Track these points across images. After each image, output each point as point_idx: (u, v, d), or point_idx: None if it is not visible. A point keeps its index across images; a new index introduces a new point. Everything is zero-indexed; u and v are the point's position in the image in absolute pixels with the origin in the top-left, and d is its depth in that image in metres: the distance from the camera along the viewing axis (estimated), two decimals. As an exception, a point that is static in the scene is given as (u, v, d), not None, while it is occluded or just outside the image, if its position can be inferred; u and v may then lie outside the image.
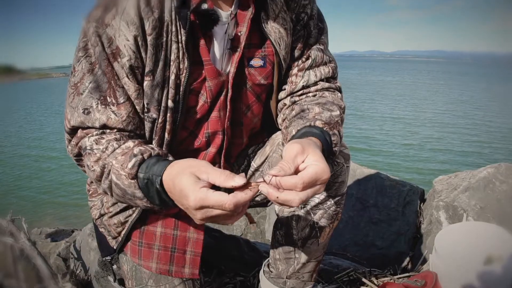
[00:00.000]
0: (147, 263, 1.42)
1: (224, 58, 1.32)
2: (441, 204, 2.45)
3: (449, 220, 2.36)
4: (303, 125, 1.26)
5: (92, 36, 1.18)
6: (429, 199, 2.71)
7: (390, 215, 2.68)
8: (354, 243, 2.65)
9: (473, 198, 2.35)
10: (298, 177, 0.95)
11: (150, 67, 1.20)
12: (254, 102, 1.42)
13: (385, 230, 2.66)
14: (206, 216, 0.97)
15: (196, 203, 0.95)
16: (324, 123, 1.26)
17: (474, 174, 2.53)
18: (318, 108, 1.33)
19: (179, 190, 1.00)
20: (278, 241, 1.61)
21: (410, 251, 2.60)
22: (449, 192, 2.51)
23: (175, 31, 1.20)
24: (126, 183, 1.13)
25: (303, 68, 1.42)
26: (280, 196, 0.94)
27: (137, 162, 1.11)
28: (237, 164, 1.56)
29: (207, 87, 1.29)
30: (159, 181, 1.07)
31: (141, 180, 1.11)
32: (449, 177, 2.73)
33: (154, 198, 1.12)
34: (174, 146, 1.32)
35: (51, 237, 3.41)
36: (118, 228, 1.44)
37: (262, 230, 2.89)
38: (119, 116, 1.20)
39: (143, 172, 1.10)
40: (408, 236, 2.64)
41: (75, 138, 1.25)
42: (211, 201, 0.92)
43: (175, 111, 1.26)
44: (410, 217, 2.68)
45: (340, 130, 1.31)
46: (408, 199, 2.72)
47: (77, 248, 2.37)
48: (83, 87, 1.20)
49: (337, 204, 1.51)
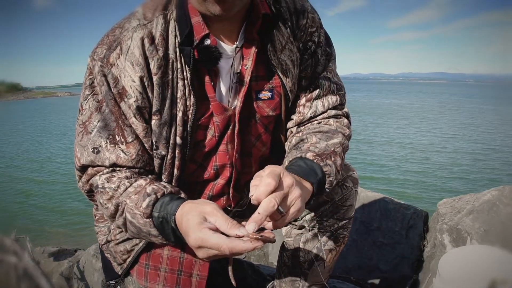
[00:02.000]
0: (154, 285, 1.42)
1: (231, 93, 1.32)
2: (445, 227, 2.44)
3: (453, 243, 2.35)
4: (294, 157, 1.27)
5: (98, 75, 1.20)
6: (433, 222, 2.70)
7: (394, 239, 2.67)
8: (358, 266, 2.63)
9: (477, 221, 2.34)
10: (262, 182, 0.99)
11: (157, 106, 1.21)
12: (263, 133, 1.43)
13: (389, 254, 2.65)
14: (208, 255, 1.00)
15: (195, 242, 0.99)
16: (316, 154, 1.26)
17: (478, 197, 2.52)
18: (315, 138, 1.34)
19: (184, 227, 1.03)
20: (284, 263, 1.61)
21: (414, 275, 2.58)
22: (453, 215, 2.50)
23: (180, 68, 1.21)
24: (141, 222, 1.15)
25: (310, 98, 1.42)
26: (259, 209, 0.97)
27: (151, 201, 1.13)
28: (247, 189, 1.56)
29: (214, 122, 1.30)
30: (173, 220, 1.09)
31: (156, 219, 1.13)
32: (453, 200, 2.72)
33: (170, 236, 1.14)
34: (183, 179, 1.33)
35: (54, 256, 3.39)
36: (124, 256, 1.45)
37: (265, 253, 2.88)
38: (128, 155, 1.22)
39: (158, 211, 1.13)
40: (412, 259, 2.62)
41: (85, 175, 1.26)
42: (209, 243, 0.96)
43: (184, 146, 1.27)
44: (414, 241, 2.67)
45: (336, 160, 1.30)
46: (412, 222, 2.71)
47: (80, 269, 2.37)
48: (91, 126, 1.22)
49: (344, 227, 1.52)
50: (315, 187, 1.19)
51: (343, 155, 1.35)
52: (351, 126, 1.46)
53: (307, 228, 1.52)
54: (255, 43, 1.29)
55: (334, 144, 1.33)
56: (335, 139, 1.34)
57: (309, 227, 1.52)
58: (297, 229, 1.55)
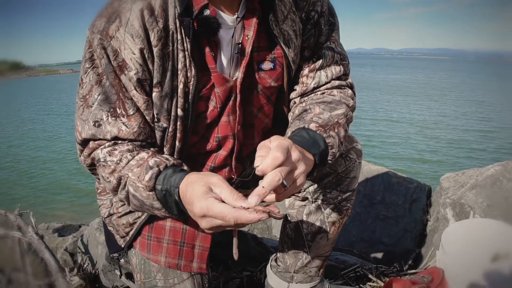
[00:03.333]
0: (156, 257, 1.43)
1: (232, 64, 1.30)
2: (448, 201, 2.44)
3: (456, 217, 2.35)
4: (297, 127, 1.26)
5: (97, 48, 1.18)
6: (436, 197, 2.70)
7: (397, 212, 2.67)
8: (360, 239, 2.65)
9: (480, 195, 2.34)
10: (270, 155, 0.98)
11: (158, 78, 1.19)
12: (265, 104, 1.42)
13: (392, 227, 2.65)
14: (211, 225, 0.99)
15: (200, 211, 0.98)
16: (319, 125, 1.25)
17: (482, 172, 2.52)
18: (319, 109, 1.32)
19: (189, 197, 1.02)
20: (287, 235, 1.62)
21: (417, 248, 2.59)
22: (456, 190, 2.50)
23: (180, 40, 1.19)
24: (144, 195, 1.15)
25: (314, 68, 1.41)
26: (263, 183, 0.96)
27: (154, 174, 1.13)
28: (250, 160, 1.55)
29: (216, 93, 1.29)
30: (177, 193, 1.09)
31: (159, 192, 1.12)
32: (456, 174, 2.71)
33: (173, 209, 1.14)
34: (186, 151, 1.32)
35: (58, 232, 3.42)
36: (127, 229, 1.45)
37: (269, 226, 2.89)
38: (130, 128, 1.21)
39: (161, 184, 1.12)
40: (415, 233, 2.63)
41: (87, 149, 1.25)
42: (214, 211, 0.95)
43: (185, 118, 1.26)
44: (417, 214, 2.67)
45: (340, 131, 1.29)
46: (415, 196, 2.71)
47: (84, 243, 2.39)
48: (92, 99, 1.20)
49: (347, 199, 1.52)
50: (317, 159, 1.18)
51: (346, 127, 1.34)
52: (355, 97, 1.45)
53: (310, 200, 1.52)
54: (257, 13, 1.27)
55: (338, 115, 1.31)
56: (339, 110, 1.33)
57: (312, 199, 1.52)
58: (300, 201, 1.54)
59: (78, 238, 2.54)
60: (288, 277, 1.65)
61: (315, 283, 1.66)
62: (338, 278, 2.02)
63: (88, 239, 2.34)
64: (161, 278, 1.44)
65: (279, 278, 1.67)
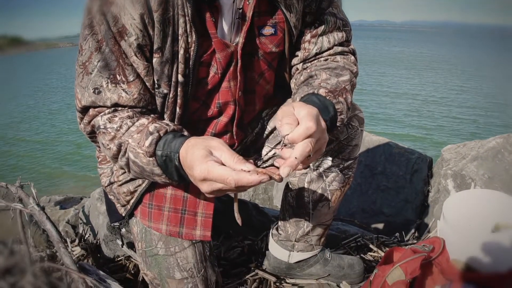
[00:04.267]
0: (157, 225, 1.43)
1: (233, 29, 1.29)
2: (449, 172, 2.44)
3: (457, 188, 2.35)
4: (307, 93, 1.25)
5: (97, 14, 1.16)
6: (437, 168, 2.70)
7: (398, 183, 2.68)
8: (361, 210, 2.66)
9: (481, 167, 2.34)
10: (302, 124, 0.96)
11: (159, 44, 1.17)
12: (266, 70, 1.40)
13: (393, 198, 2.66)
14: (212, 189, 0.98)
15: (200, 174, 0.97)
16: (328, 91, 1.24)
17: (483, 144, 2.51)
18: (325, 74, 1.31)
19: (189, 161, 1.01)
20: (288, 203, 1.61)
21: (418, 219, 2.60)
22: (458, 161, 2.50)
23: (181, 5, 1.17)
24: (144, 161, 1.14)
25: (316, 34, 1.39)
26: (295, 154, 0.94)
27: (154, 139, 1.12)
28: (251, 127, 1.54)
29: (217, 58, 1.27)
30: (177, 158, 1.08)
31: (159, 158, 1.12)
32: (458, 146, 2.71)
33: (173, 174, 1.13)
34: (186, 117, 1.31)
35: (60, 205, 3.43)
36: (127, 197, 1.45)
37: (270, 196, 2.90)
38: (130, 94, 1.20)
39: (161, 150, 1.11)
40: (416, 204, 2.64)
41: (87, 116, 1.24)
42: (214, 174, 0.94)
43: (186, 84, 1.24)
44: (418, 185, 2.68)
45: (347, 97, 1.28)
46: (416, 167, 2.71)
47: (86, 213, 2.39)
48: (91, 66, 1.19)
49: (349, 168, 1.52)
50: (328, 125, 1.16)
51: (351, 93, 1.33)
52: (358, 64, 1.43)
53: (312, 168, 1.51)
54: None
55: (344, 81, 1.30)
56: (344, 76, 1.32)
57: (314, 167, 1.51)
58: (302, 169, 1.54)
59: (80, 210, 2.54)
60: (289, 245, 1.65)
61: (316, 251, 1.67)
62: (339, 247, 2.03)
63: (89, 209, 2.34)
64: (162, 247, 1.45)
65: (280, 246, 1.68)
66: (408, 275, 1.31)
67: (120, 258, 1.94)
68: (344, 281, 1.71)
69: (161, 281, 1.49)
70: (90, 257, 1.95)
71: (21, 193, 1.98)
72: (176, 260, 1.45)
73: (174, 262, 1.45)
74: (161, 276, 1.48)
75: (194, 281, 1.46)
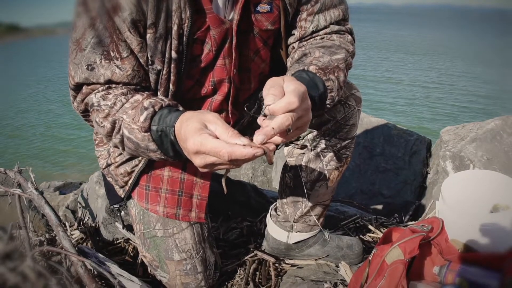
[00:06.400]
0: (154, 207, 1.43)
1: (228, 5, 1.27)
2: (448, 154, 2.44)
3: (456, 170, 2.35)
4: (297, 70, 1.24)
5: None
6: (436, 149, 2.70)
7: (397, 164, 2.67)
8: (360, 191, 2.66)
9: (480, 149, 2.34)
10: (286, 98, 0.95)
11: (152, 19, 1.16)
12: (261, 48, 1.39)
13: (392, 179, 2.66)
14: (206, 163, 0.97)
15: (193, 147, 0.95)
16: (319, 68, 1.23)
17: (482, 126, 2.51)
18: (318, 52, 1.30)
19: (183, 133, 1.00)
20: (286, 184, 1.61)
21: (417, 200, 2.61)
22: (456, 143, 2.50)
23: None
24: (139, 137, 1.12)
25: (312, 12, 1.37)
26: (273, 124, 0.92)
27: (149, 115, 1.10)
28: (248, 108, 1.52)
29: (211, 35, 1.26)
30: (173, 132, 1.06)
31: (155, 133, 1.10)
32: (456, 127, 2.70)
33: (168, 150, 1.12)
34: (180, 95, 1.30)
35: (59, 190, 3.43)
36: (125, 178, 1.44)
37: (269, 178, 2.90)
38: (123, 71, 1.18)
39: (156, 125, 1.10)
40: (415, 185, 2.64)
41: (80, 94, 1.23)
42: (207, 147, 0.92)
43: (179, 61, 1.23)
44: (416, 167, 2.68)
45: (340, 75, 1.27)
46: (415, 148, 2.71)
47: (84, 197, 2.39)
48: (85, 42, 1.17)
49: (346, 147, 1.51)
50: (317, 101, 1.16)
51: (346, 72, 1.31)
52: (355, 44, 1.41)
53: (309, 147, 1.51)
54: None
55: (338, 59, 1.28)
56: (339, 54, 1.30)
57: (311, 147, 1.50)
58: (299, 149, 1.53)
59: (79, 195, 2.54)
60: (288, 226, 1.65)
61: (314, 232, 1.67)
62: (338, 228, 2.03)
63: (88, 193, 2.34)
64: (160, 228, 1.45)
65: (279, 227, 1.68)
66: (406, 255, 1.31)
67: (119, 241, 1.94)
68: (343, 261, 1.71)
69: (160, 262, 1.49)
70: (89, 240, 1.95)
71: (20, 178, 1.98)
72: (175, 242, 1.45)
73: (172, 243, 1.45)
74: (159, 258, 1.48)
75: (193, 262, 1.47)
